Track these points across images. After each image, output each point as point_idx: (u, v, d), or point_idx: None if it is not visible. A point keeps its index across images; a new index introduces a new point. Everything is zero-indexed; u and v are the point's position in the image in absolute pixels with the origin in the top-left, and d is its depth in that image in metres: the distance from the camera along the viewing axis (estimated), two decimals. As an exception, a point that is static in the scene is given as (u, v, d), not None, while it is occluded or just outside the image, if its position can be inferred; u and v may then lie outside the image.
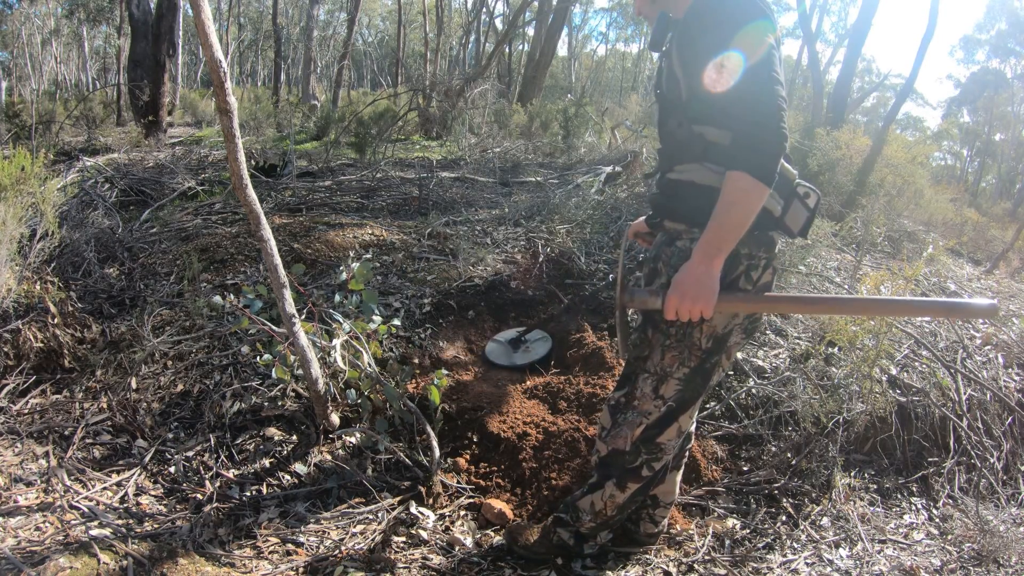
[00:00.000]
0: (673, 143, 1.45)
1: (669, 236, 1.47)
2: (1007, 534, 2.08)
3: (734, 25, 1.25)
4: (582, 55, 33.13)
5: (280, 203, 4.62)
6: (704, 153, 1.36)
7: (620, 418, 1.55)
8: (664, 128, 1.48)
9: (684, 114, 1.39)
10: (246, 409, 2.31)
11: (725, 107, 1.29)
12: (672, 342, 1.46)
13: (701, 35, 1.29)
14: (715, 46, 1.26)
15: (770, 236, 1.44)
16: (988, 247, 6.74)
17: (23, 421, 2.19)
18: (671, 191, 1.45)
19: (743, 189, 1.25)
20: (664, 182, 1.48)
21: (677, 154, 1.43)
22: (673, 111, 1.42)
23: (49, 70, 23.97)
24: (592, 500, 1.66)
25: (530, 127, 9.64)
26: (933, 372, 2.81)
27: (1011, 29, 23.10)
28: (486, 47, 19.83)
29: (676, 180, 1.43)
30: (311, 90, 14.70)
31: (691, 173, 1.39)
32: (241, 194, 1.89)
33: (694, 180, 1.39)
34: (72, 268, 3.20)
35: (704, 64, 1.28)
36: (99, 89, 17.58)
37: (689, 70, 1.34)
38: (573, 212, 4.15)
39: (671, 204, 1.46)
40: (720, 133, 1.34)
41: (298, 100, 13.71)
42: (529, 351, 2.88)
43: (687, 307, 1.31)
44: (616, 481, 1.60)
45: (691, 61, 1.33)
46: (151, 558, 1.59)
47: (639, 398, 1.52)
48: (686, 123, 1.38)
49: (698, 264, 1.30)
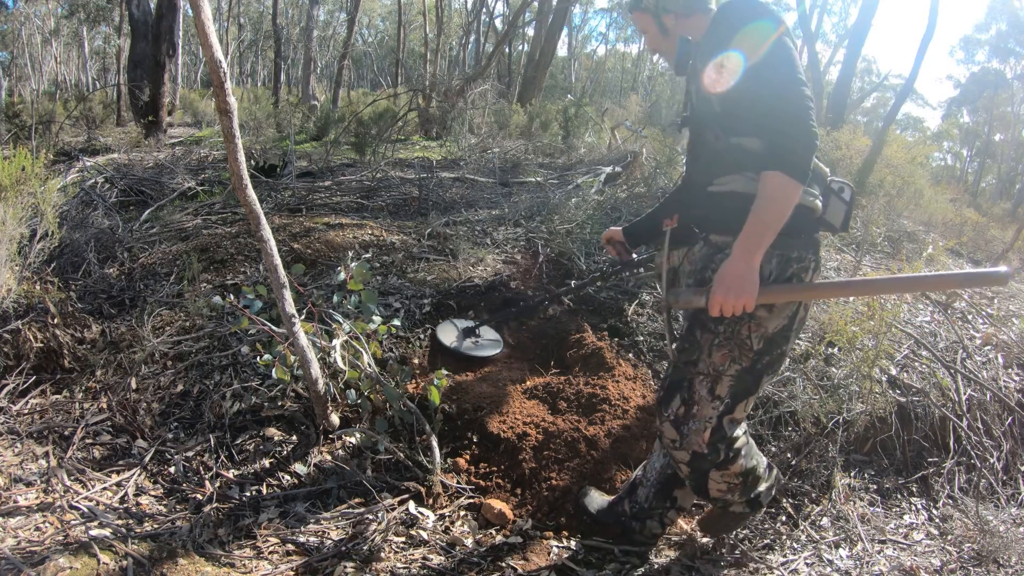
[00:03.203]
0: (710, 157, 1.52)
1: (715, 247, 1.51)
2: (1007, 534, 2.08)
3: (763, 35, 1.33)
4: (582, 55, 33.13)
5: (280, 203, 4.62)
6: (743, 163, 1.43)
7: (684, 429, 1.58)
8: (700, 145, 1.56)
9: (720, 127, 1.46)
10: (246, 409, 2.31)
11: (757, 113, 1.36)
12: (721, 340, 1.49)
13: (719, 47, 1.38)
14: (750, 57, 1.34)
15: (816, 238, 1.50)
16: (988, 247, 6.73)
17: (23, 421, 2.19)
18: (714, 203, 1.50)
19: (779, 187, 1.32)
20: (705, 196, 1.53)
21: (715, 168, 1.50)
22: (709, 126, 1.49)
23: (49, 70, 23.97)
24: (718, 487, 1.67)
25: (530, 127, 9.64)
26: (933, 372, 2.81)
27: (1011, 29, 23.11)
28: (486, 47, 19.84)
29: (718, 192, 1.49)
30: (311, 90, 14.70)
31: (732, 184, 1.46)
32: (241, 194, 1.89)
33: (735, 190, 1.45)
34: (72, 268, 3.20)
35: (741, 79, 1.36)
36: (99, 89, 17.59)
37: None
38: (573, 212, 4.14)
39: (715, 216, 1.50)
40: (757, 142, 1.41)
41: (298, 100, 13.71)
42: (478, 346, 2.69)
43: (731, 302, 1.36)
44: (716, 468, 1.63)
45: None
46: (151, 558, 1.59)
47: (698, 403, 1.54)
48: (723, 136, 1.45)
49: (739, 260, 1.35)
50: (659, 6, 1.56)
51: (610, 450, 2.28)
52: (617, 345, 2.94)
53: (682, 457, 1.62)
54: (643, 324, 3.11)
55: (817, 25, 19.08)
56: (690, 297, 1.44)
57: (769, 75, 1.34)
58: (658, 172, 5.23)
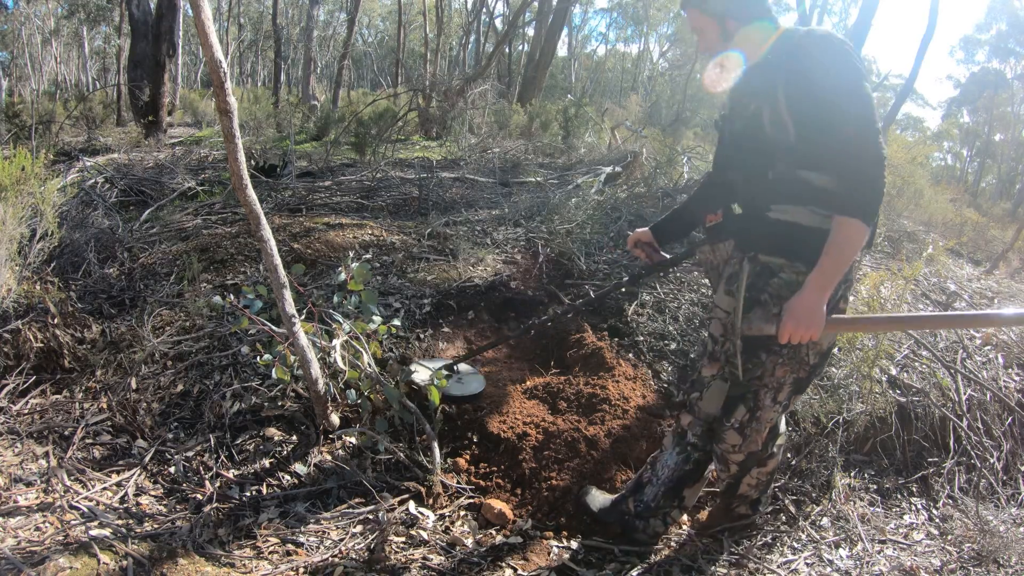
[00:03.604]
0: (765, 183, 1.56)
1: (764, 267, 1.58)
2: (1007, 534, 2.08)
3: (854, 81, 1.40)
4: (582, 55, 33.11)
5: (280, 203, 4.62)
6: (803, 196, 1.50)
7: (747, 431, 1.74)
8: (751, 167, 1.61)
9: (791, 158, 1.50)
10: (246, 409, 2.31)
11: (834, 152, 1.42)
12: (784, 360, 1.63)
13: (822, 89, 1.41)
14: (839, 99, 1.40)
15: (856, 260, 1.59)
16: (988, 247, 6.73)
17: (23, 421, 2.19)
18: (772, 229, 1.56)
19: (855, 232, 1.42)
20: (760, 219, 1.58)
21: (771, 194, 1.55)
22: (775, 153, 1.53)
23: (49, 70, 23.97)
24: (748, 483, 1.86)
25: (530, 127, 9.64)
26: (933, 372, 2.81)
27: (1011, 29, 23.11)
28: (486, 47, 19.84)
29: (779, 220, 1.54)
30: (311, 90, 14.70)
31: (796, 215, 1.52)
32: (241, 194, 1.89)
33: (800, 222, 1.51)
34: (72, 268, 3.20)
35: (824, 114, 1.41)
36: (99, 89, 17.58)
37: (802, 117, 1.46)
38: (573, 212, 4.14)
39: (771, 241, 1.57)
40: (827, 179, 1.47)
41: (298, 100, 13.70)
42: (463, 383, 2.54)
43: (800, 332, 1.48)
44: (759, 464, 1.84)
45: (808, 109, 1.44)
46: (151, 558, 1.59)
47: (762, 410, 1.70)
48: (791, 167, 1.51)
49: (811, 295, 1.46)
50: (726, 10, 1.59)
51: (610, 450, 2.28)
52: (617, 345, 2.94)
53: (737, 459, 1.79)
54: (643, 324, 3.11)
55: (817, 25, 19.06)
56: (762, 325, 1.54)
57: (850, 118, 1.39)
58: (658, 172, 5.24)
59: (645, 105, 15.22)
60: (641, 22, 30.30)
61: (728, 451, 1.78)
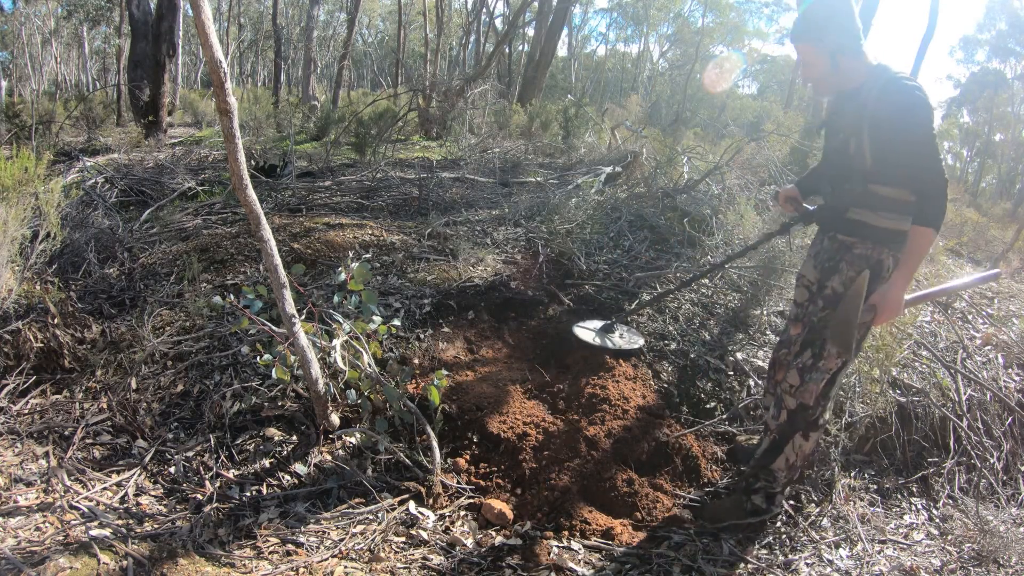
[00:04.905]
0: (844, 192, 1.94)
1: (843, 244, 1.96)
2: (1007, 534, 2.08)
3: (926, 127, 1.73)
4: (582, 55, 33.10)
5: (280, 203, 4.62)
6: (873, 203, 1.87)
7: (807, 377, 1.97)
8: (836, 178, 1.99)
9: (864, 176, 1.86)
10: (246, 409, 2.32)
11: (910, 177, 1.78)
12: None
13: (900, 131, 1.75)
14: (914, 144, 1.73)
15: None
16: (988, 247, 6.73)
17: (23, 421, 2.19)
18: (848, 223, 1.95)
19: (929, 239, 1.77)
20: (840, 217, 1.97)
21: (848, 201, 1.93)
22: (853, 172, 1.88)
23: (49, 70, 23.96)
24: (785, 457, 2.02)
25: (530, 127, 9.63)
26: (933, 372, 2.81)
27: (1011, 29, 23.09)
28: (486, 47, 19.83)
29: (854, 220, 1.93)
30: (311, 90, 14.70)
31: (866, 216, 1.89)
32: (241, 194, 1.89)
33: (867, 222, 1.90)
34: (72, 268, 3.20)
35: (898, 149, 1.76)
36: (99, 89, 17.58)
37: (880, 147, 1.80)
38: (573, 212, 4.15)
39: (848, 228, 1.95)
40: (895, 191, 1.83)
41: (298, 100, 13.70)
42: (624, 338, 2.88)
43: (886, 318, 1.84)
44: (802, 433, 2.00)
45: (885, 143, 1.78)
46: (151, 558, 1.59)
47: (826, 358, 1.95)
48: (864, 182, 1.87)
49: (898, 289, 1.80)
50: (840, 47, 1.83)
51: (610, 450, 2.28)
52: (617, 345, 2.94)
53: (791, 403, 2.00)
54: (643, 324, 3.11)
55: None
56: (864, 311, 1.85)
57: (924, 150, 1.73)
58: (658, 172, 5.24)
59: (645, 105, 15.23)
60: (641, 22, 30.29)
61: (786, 391, 2.01)
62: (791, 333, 2.16)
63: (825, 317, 1.97)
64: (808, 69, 1.92)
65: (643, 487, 2.19)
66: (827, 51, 1.84)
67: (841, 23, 1.83)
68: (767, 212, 4.27)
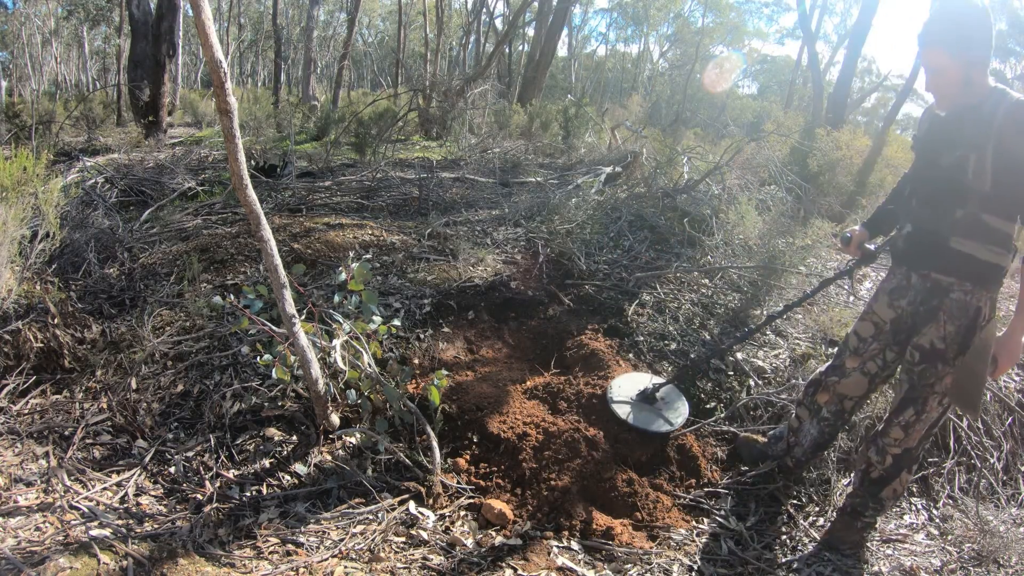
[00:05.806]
0: (951, 219, 1.77)
1: (937, 285, 1.84)
2: (1007, 534, 2.08)
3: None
4: (582, 55, 33.09)
5: (280, 203, 4.62)
6: (982, 235, 1.74)
7: (911, 430, 1.94)
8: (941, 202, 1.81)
9: (979, 202, 1.72)
10: (246, 409, 2.32)
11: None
12: (952, 370, 1.86)
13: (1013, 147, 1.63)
14: None
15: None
16: None
17: (23, 421, 2.19)
18: (950, 255, 1.79)
19: None
20: (940, 246, 1.81)
21: (955, 228, 1.77)
22: (968, 196, 1.73)
23: (49, 70, 23.96)
24: (894, 488, 2.03)
25: (530, 127, 9.63)
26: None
27: (1011, 29, 23.10)
28: (486, 47, 19.83)
29: (958, 251, 1.78)
30: (311, 90, 14.69)
31: (973, 249, 1.75)
32: (241, 194, 1.89)
33: (975, 255, 1.75)
34: (72, 268, 3.20)
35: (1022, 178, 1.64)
36: (99, 89, 17.58)
37: (1004, 176, 1.66)
38: (573, 212, 4.15)
39: (946, 263, 1.81)
40: (1003, 223, 1.72)
41: (298, 100, 13.70)
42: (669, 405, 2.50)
43: (1005, 368, 1.79)
44: (907, 468, 2.01)
45: (1008, 166, 1.65)
46: (151, 558, 1.59)
47: (928, 411, 1.91)
48: (978, 210, 1.73)
49: (1017, 337, 1.75)
50: (981, 59, 1.71)
51: (610, 450, 2.28)
52: (617, 345, 2.94)
53: (895, 452, 1.97)
54: (643, 324, 3.11)
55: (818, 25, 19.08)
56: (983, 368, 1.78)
57: None
58: (658, 172, 5.24)
59: (645, 105, 15.22)
60: (641, 22, 30.27)
61: (889, 444, 1.98)
62: (847, 365, 2.11)
63: (925, 372, 1.88)
64: (936, 77, 1.77)
65: (643, 487, 2.19)
66: (965, 62, 1.70)
67: (985, 36, 1.71)
68: (767, 212, 4.28)
